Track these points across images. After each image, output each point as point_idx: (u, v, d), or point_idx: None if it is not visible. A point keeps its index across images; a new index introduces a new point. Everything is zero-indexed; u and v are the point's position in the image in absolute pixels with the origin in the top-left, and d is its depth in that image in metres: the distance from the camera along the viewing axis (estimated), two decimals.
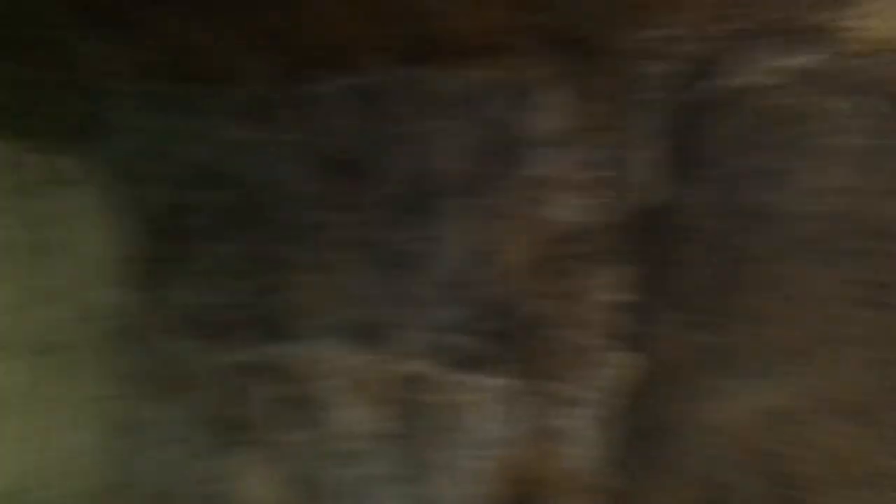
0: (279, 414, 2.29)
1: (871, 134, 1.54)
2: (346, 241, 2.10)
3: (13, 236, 3.07)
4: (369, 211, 2.06)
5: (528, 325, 1.90)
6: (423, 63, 1.86)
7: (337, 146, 2.10)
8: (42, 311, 3.03)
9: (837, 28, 1.58)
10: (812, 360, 1.58)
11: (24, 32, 2.68)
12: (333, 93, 2.08)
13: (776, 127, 1.59)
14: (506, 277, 1.93)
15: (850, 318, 1.55)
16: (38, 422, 3.22)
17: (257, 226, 2.25)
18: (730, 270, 1.62)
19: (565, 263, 1.81)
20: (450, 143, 1.99)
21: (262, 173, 2.24)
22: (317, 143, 2.14)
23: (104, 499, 2.79)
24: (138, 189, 2.57)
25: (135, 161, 2.57)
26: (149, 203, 2.55)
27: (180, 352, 2.48)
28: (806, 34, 1.58)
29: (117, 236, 2.64)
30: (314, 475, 2.25)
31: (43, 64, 2.68)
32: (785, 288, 1.60)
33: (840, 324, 1.56)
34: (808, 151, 1.59)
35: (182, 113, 2.37)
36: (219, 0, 2.21)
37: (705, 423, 1.66)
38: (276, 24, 2.08)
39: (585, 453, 1.83)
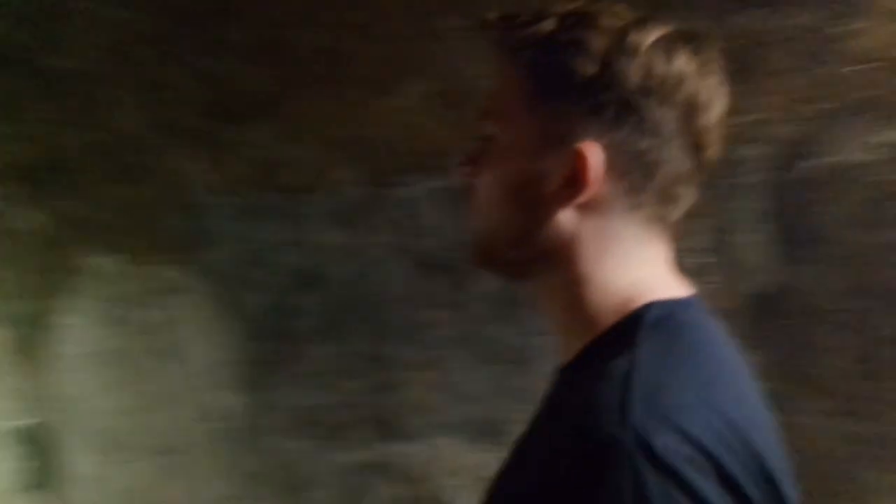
0: None
1: None
2: (453, 338, 2.11)
3: (126, 344, 3.24)
4: (471, 307, 2.08)
5: None
6: None
7: (431, 246, 2.14)
8: (159, 414, 3.17)
9: None
10: None
11: (129, 159, 2.87)
12: (423, 195, 2.12)
13: (886, 202, 1.53)
14: None
15: None
16: None
17: (361, 326, 2.30)
18: (870, 353, 1.55)
19: None
20: None
21: (360, 275, 2.30)
22: (411, 244, 2.18)
23: None
24: (240, 295, 2.67)
25: (235, 268, 2.69)
26: (252, 308, 2.64)
27: (295, 452, 2.54)
28: None
29: (224, 341, 2.75)
30: None
31: (146, 185, 2.85)
32: None
33: None
34: None
35: (277, 221, 2.47)
36: (306, 116, 2.32)
37: None
38: (364, 134, 2.16)
39: None
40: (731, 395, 0.61)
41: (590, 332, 0.66)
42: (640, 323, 0.63)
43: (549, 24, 0.65)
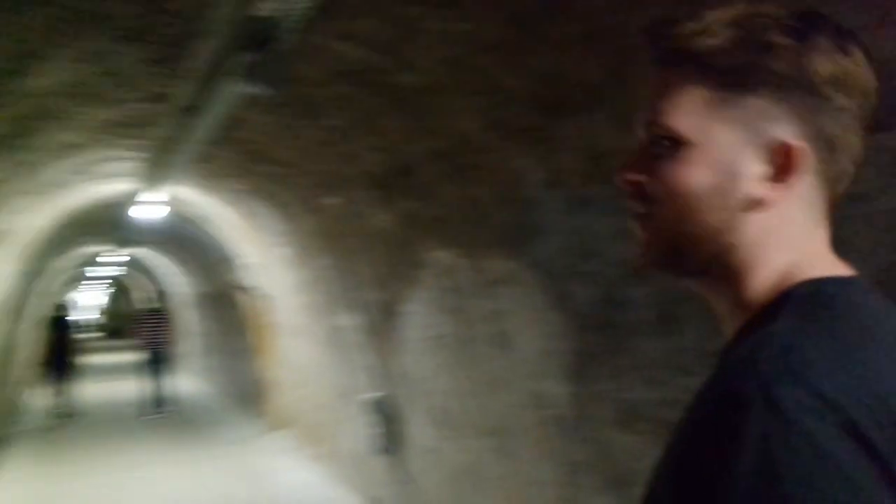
0: None
1: None
2: None
3: (461, 331, 3.56)
4: None
5: None
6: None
7: None
8: (489, 397, 3.41)
9: None
10: None
11: (466, 160, 3.14)
12: None
13: None
14: None
15: None
16: (480, 497, 3.64)
17: (692, 321, 2.18)
18: None
19: None
20: None
21: None
22: None
23: None
24: (569, 286, 2.73)
25: (562, 260, 2.76)
26: (580, 299, 2.68)
27: (619, 446, 2.51)
28: None
29: (552, 331, 2.84)
30: None
31: (481, 183, 3.10)
32: None
33: None
34: None
35: (607, 212, 2.46)
36: (635, 102, 2.28)
37: None
38: None
39: None
40: (889, 373, 0.58)
41: (749, 313, 0.67)
42: (789, 298, 0.64)
43: (728, 31, 0.68)
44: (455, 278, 3.46)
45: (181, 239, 9.20)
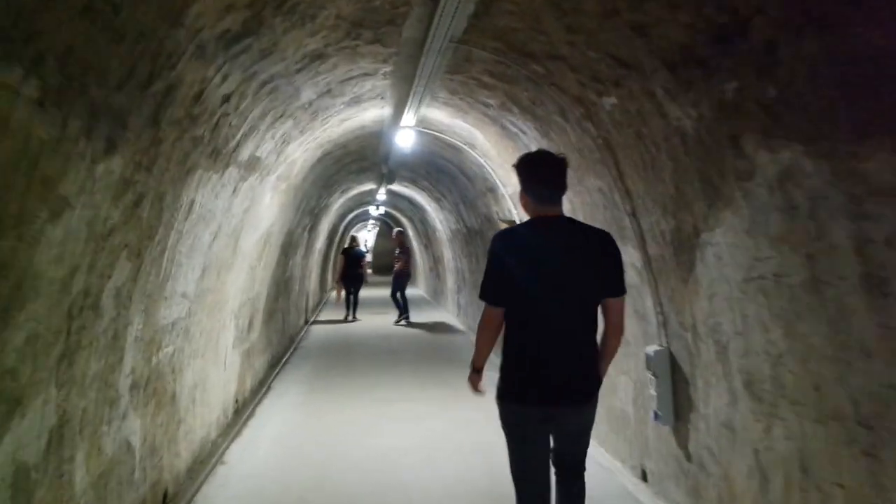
0: None
1: None
2: None
3: (799, 271, 2.45)
4: None
5: None
6: None
7: None
8: (841, 367, 2.30)
9: None
10: None
11: None
12: None
13: None
14: None
15: None
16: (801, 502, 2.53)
17: None
18: None
19: None
20: None
21: None
22: None
23: None
24: None
25: None
26: None
27: None
28: None
29: None
30: None
31: (859, 37, 1.93)
32: None
33: None
34: None
35: None
36: None
37: None
38: None
39: None
40: (511, 238, 2.73)
41: None
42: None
43: None
44: (801, 191, 2.34)
45: (435, 171, 8.91)
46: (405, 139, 5.90)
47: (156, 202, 2.91)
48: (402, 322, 11.93)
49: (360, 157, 7.98)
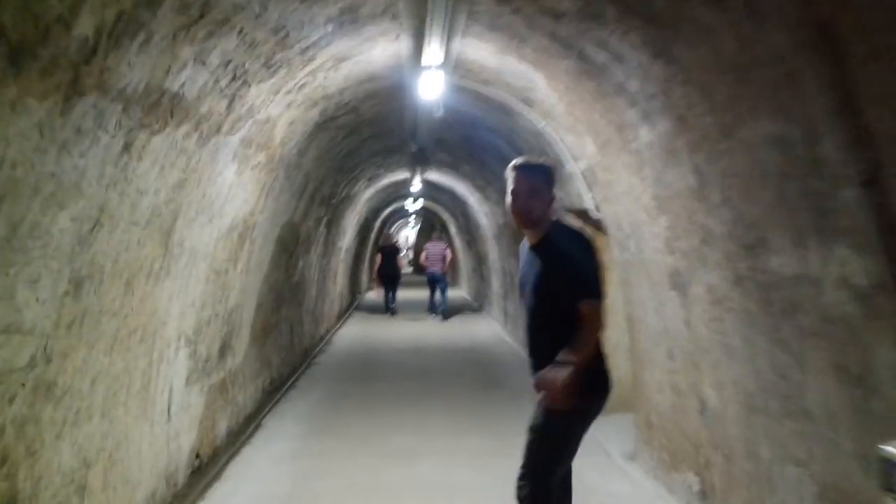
0: None
1: None
2: None
3: None
4: None
5: None
6: None
7: None
8: None
9: None
10: None
11: None
12: None
13: None
14: None
15: None
16: None
17: None
18: None
19: None
20: None
21: None
22: None
23: None
24: None
25: None
26: None
27: None
28: None
29: None
30: None
31: None
32: None
33: None
34: None
35: None
36: None
37: None
38: None
39: None
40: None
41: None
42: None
43: None
44: None
45: (479, 150, 7.13)
46: (432, 87, 4.15)
47: None
48: (434, 315, 12.62)
49: (381, 129, 6.27)
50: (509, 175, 2.66)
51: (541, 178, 2.63)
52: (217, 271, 4.10)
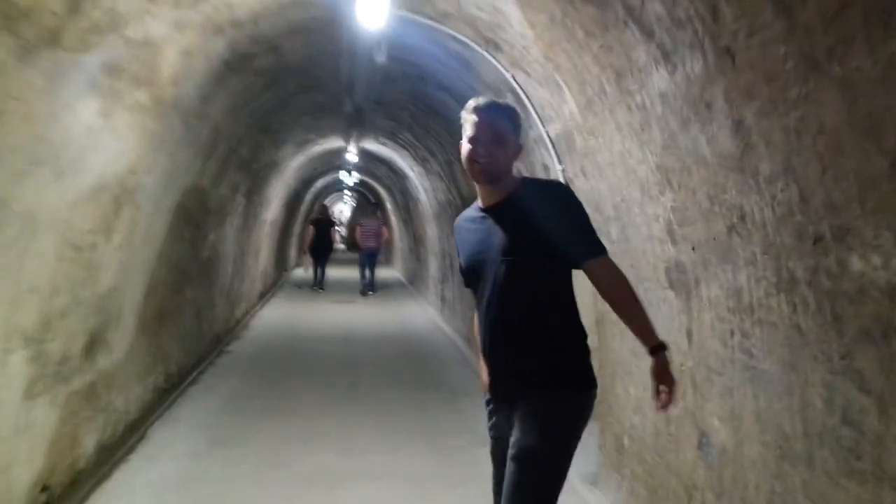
0: None
1: None
2: None
3: None
4: None
5: None
6: None
7: None
8: None
9: None
10: None
11: None
12: None
13: None
14: None
15: None
16: None
17: None
18: None
19: None
20: None
21: None
22: None
23: None
24: None
25: None
26: None
27: None
28: None
29: None
30: None
31: None
32: None
33: None
34: None
35: None
36: None
37: None
38: None
39: None
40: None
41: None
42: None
43: None
44: None
45: (424, 110, 6.20)
46: (373, 17, 3.21)
47: None
48: (368, 295, 12.20)
49: (310, 81, 5.27)
50: (468, 119, 2.19)
51: (507, 122, 2.18)
52: (76, 246, 3.07)
